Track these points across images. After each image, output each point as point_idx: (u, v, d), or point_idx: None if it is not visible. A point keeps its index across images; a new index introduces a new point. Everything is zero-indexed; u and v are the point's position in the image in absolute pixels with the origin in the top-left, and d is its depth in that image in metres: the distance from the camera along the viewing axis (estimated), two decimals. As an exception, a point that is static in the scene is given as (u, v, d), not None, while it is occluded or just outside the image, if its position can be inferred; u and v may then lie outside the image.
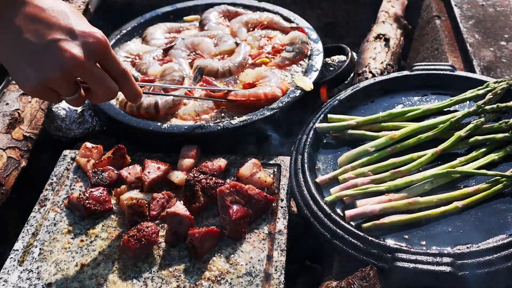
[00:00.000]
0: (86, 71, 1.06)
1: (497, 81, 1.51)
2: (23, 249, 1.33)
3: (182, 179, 1.43)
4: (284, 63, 1.85)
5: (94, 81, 1.09)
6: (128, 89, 1.17)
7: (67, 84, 1.06)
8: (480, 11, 2.20)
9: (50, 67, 1.01)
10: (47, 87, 1.05)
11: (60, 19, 1.03)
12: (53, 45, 1.01)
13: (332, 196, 1.31)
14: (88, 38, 1.05)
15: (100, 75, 1.09)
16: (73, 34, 1.03)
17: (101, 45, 1.07)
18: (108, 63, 1.11)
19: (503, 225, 1.20)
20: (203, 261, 1.27)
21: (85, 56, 1.04)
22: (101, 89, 1.11)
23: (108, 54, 1.09)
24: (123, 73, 1.14)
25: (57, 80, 1.03)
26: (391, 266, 1.13)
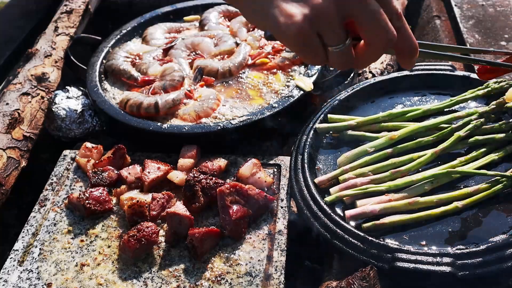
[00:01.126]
0: (356, 1, 0.83)
1: (497, 81, 1.51)
2: (23, 249, 1.33)
3: (182, 179, 1.43)
4: (284, 63, 1.85)
5: (371, 15, 0.83)
6: (403, 36, 0.88)
7: (338, 23, 0.83)
8: (480, 11, 2.20)
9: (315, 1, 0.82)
10: (315, 29, 0.84)
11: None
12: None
13: (332, 196, 1.31)
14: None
15: (377, 7, 0.83)
16: None
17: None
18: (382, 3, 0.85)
19: (503, 225, 1.20)
20: (203, 261, 1.27)
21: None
22: (379, 27, 0.84)
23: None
24: (396, 12, 0.87)
25: (329, 14, 0.82)
26: (391, 266, 1.13)
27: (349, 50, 0.87)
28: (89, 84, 1.81)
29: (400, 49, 0.89)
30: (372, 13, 0.82)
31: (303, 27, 0.83)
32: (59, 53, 1.95)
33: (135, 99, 1.68)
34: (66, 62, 1.97)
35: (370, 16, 0.82)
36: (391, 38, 0.84)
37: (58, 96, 1.83)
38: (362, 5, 0.82)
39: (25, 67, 1.85)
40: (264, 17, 0.86)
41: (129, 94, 1.72)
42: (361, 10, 0.82)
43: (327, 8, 0.81)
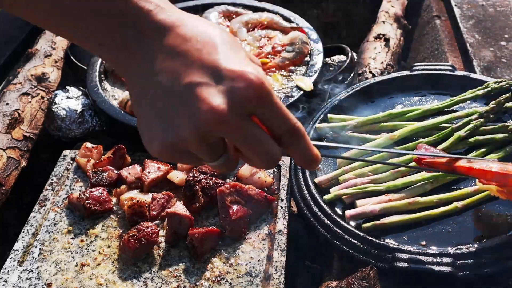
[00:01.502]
0: (231, 129, 0.71)
1: (497, 81, 1.51)
2: (23, 249, 1.33)
3: (182, 179, 1.43)
4: (284, 63, 1.85)
5: (244, 144, 0.73)
6: (299, 152, 0.78)
7: (205, 147, 0.73)
8: (480, 11, 2.20)
9: (181, 123, 0.70)
10: (180, 150, 0.74)
11: (204, 53, 0.72)
12: (188, 92, 0.70)
13: (331, 195, 1.31)
14: (237, 82, 0.70)
15: (253, 136, 0.73)
16: (217, 75, 0.70)
17: (256, 91, 0.70)
18: (268, 116, 0.73)
19: (503, 225, 1.20)
20: (203, 261, 1.27)
21: (230, 108, 0.69)
22: (254, 155, 0.74)
23: (267, 104, 0.72)
24: (292, 131, 0.75)
25: (190, 142, 0.71)
26: (391, 266, 1.13)
27: (228, 162, 0.77)
28: (89, 84, 1.81)
29: (297, 160, 0.80)
30: (247, 142, 0.73)
31: (163, 148, 0.74)
32: (59, 53, 1.95)
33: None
34: (66, 62, 1.97)
35: (244, 144, 0.73)
36: (270, 163, 0.75)
37: (58, 96, 1.83)
38: (233, 134, 0.72)
39: (25, 67, 1.86)
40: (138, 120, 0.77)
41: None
42: (234, 139, 0.73)
43: (189, 138, 0.70)
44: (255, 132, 0.73)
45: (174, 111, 0.71)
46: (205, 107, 0.69)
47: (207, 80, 0.70)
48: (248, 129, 0.72)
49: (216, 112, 0.68)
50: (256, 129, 0.73)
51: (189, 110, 0.70)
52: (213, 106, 0.68)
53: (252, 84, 0.70)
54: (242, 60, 0.73)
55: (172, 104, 0.71)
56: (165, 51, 0.72)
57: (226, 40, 0.75)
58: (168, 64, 0.72)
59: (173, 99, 0.71)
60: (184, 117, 0.70)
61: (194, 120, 0.69)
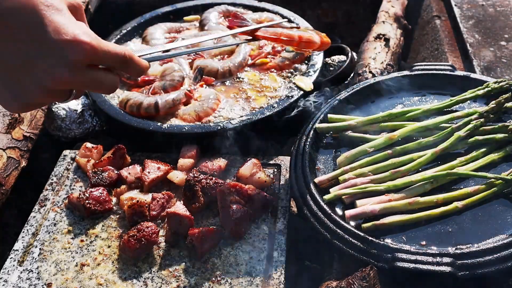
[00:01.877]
0: (72, 83, 0.92)
1: (497, 81, 1.51)
2: (23, 249, 1.33)
3: (182, 179, 1.43)
4: (284, 63, 1.85)
5: (87, 87, 0.99)
6: (132, 71, 1.02)
7: (58, 96, 0.95)
8: (480, 11, 2.20)
9: (33, 90, 0.89)
10: (36, 104, 0.95)
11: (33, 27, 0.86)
12: (30, 65, 0.87)
13: (331, 195, 1.31)
14: (68, 48, 0.88)
15: (93, 80, 0.94)
16: (48, 46, 0.87)
17: (84, 49, 0.89)
18: (100, 60, 0.94)
19: (503, 225, 1.20)
20: (203, 261, 1.27)
21: (68, 70, 0.88)
22: (98, 90, 1.00)
23: (97, 54, 0.92)
24: (122, 61, 0.98)
25: (42, 100, 0.93)
26: (391, 266, 1.13)
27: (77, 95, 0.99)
28: (89, 84, 1.81)
29: (132, 74, 1.07)
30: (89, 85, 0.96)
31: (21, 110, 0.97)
32: (59, 53, 1.95)
33: (135, 99, 1.68)
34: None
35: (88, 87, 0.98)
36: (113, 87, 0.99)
37: (58, 96, 1.83)
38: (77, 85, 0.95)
39: (25, 67, 1.85)
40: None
41: (129, 94, 1.72)
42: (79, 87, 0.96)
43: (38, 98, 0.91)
44: (92, 76, 0.94)
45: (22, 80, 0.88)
46: (46, 75, 0.87)
47: (42, 52, 0.87)
48: (86, 77, 0.92)
49: (56, 77, 0.88)
50: (92, 73, 0.94)
51: (35, 78, 0.88)
52: (52, 73, 0.88)
53: (81, 45, 0.88)
54: (64, 25, 0.88)
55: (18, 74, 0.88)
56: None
57: (46, 5, 0.88)
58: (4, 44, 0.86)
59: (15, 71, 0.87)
60: (33, 85, 0.88)
61: (41, 86, 0.89)
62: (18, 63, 0.87)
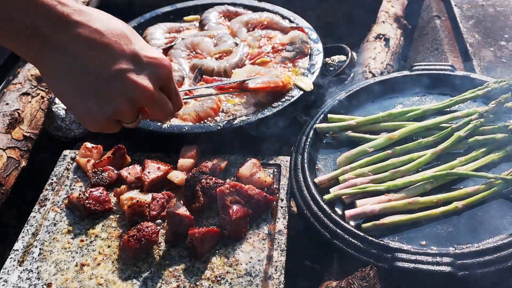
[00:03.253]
0: (154, 100, 1.00)
1: (497, 81, 1.51)
2: (23, 249, 1.33)
3: (182, 179, 1.43)
4: (284, 62, 1.85)
5: (157, 107, 1.04)
6: (176, 105, 1.12)
7: (132, 114, 1.00)
8: (480, 11, 2.20)
9: (119, 100, 0.95)
10: (113, 120, 0.99)
11: (123, 44, 0.95)
12: (121, 76, 0.94)
13: (331, 195, 1.31)
14: (156, 66, 0.98)
15: (163, 101, 1.04)
16: (139, 63, 0.96)
17: (168, 72, 1.01)
18: (168, 86, 1.05)
19: (503, 225, 1.20)
20: (203, 261, 1.27)
21: (154, 86, 0.98)
22: (162, 112, 1.06)
23: (170, 80, 1.04)
24: (176, 93, 1.09)
25: (126, 112, 0.97)
26: (391, 266, 1.13)
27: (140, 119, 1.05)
28: (89, 84, 1.81)
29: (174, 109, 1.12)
30: (159, 105, 1.03)
31: (104, 120, 0.97)
32: (59, 53, 1.95)
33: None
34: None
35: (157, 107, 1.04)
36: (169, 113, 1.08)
37: (58, 96, 1.83)
38: (153, 103, 1.01)
39: (25, 67, 1.86)
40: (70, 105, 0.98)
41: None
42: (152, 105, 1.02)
43: (126, 109, 0.96)
44: (163, 98, 1.04)
45: (110, 91, 0.93)
46: (138, 87, 0.95)
47: (133, 67, 0.95)
48: (161, 97, 1.03)
49: (146, 90, 0.96)
50: (164, 96, 1.04)
51: (125, 91, 0.94)
52: (144, 86, 0.96)
53: (165, 67, 1.00)
54: (150, 48, 0.99)
55: (106, 85, 0.93)
56: (85, 42, 0.90)
57: (132, 32, 0.99)
58: (94, 54, 0.91)
59: (105, 81, 0.92)
60: (121, 96, 0.94)
61: (129, 98, 0.95)
62: (109, 75, 0.93)
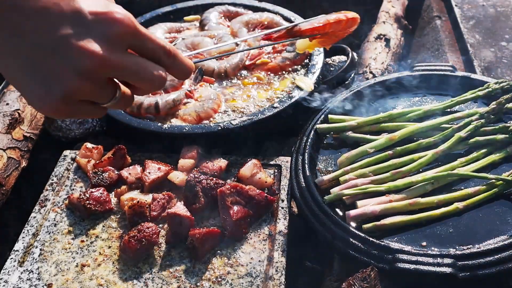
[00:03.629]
0: (115, 66, 0.77)
1: (498, 81, 1.51)
2: (24, 249, 1.33)
3: (182, 180, 1.43)
4: (284, 63, 1.85)
5: (131, 75, 0.80)
6: (177, 68, 0.88)
7: (99, 88, 0.78)
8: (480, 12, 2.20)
9: (67, 75, 0.74)
10: (74, 100, 0.77)
11: (62, 4, 0.73)
12: (63, 45, 0.73)
13: (332, 195, 1.31)
14: (106, 23, 0.75)
15: (136, 64, 0.80)
16: (83, 21, 0.74)
17: (125, 26, 0.77)
18: (141, 45, 0.81)
19: (504, 226, 1.20)
20: (203, 261, 1.27)
21: (107, 50, 0.75)
22: (144, 81, 0.82)
23: (137, 34, 0.79)
24: (167, 52, 0.84)
25: (82, 88, 0.76)
26: (391, 267, 1.13)
27: (123, 97, 0.83)
28: (90, 84, 1.81)
29: (176, 76, 0.89)
30: (132, 72, 0.79)
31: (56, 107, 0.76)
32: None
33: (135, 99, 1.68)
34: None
35: (130, 74, 0.80)
36: (160, 80, 0.83)
37: (58, 96, 1.82)
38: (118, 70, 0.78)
39: (25, 67, 1.85)
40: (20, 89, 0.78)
41: (130, 94, 1.72)
42: (120, 74, 0.79)
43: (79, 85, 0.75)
44: (136, 61, 0.79)
45: (54, 66, 0.73)
46: (85, 54, 0.73)
47: (76, 30, 0.74)
48: (128, 60, 0.78)
49: (96, 57, 0.74)
50: (135, 58, 0.80)
51: (70, 62, 0.73)
52: (92, 51, 0.74)
53: (121, 22, 0.76)
54: (100, 1, 0.76)
55: (49, 60, 0.73)
56: (22, 13, 0.72)
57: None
58: (32, 24, 0.72)
59: (48, 55, 0.73)
60: (67, 69, 0.73)
61: (78, 69, 0.74)
62: (50, 46, 0.73)
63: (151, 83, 0.82)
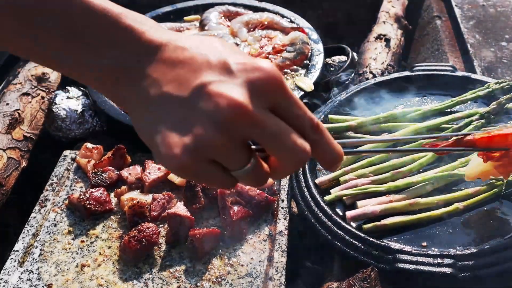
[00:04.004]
0: (255, 122, 0.64)
1: (498, 81, 1.51)
2: (24, 250, 1.33)
3: (182, 180, 1.43)
4: (284, 63, 1.85)
5: (272, 138, 0.66)
6: (324, 149, 0.72)
7: (234, 147, 0.65)
8: (480, 12, 2.20)
9: (201, 124, 0.63)
10: (204, 157, 0.65)
11: (209, 54, 0.67)
12: (201, 92, 0.64)
13: (332, 196, 1.31)
14: (252, 73, 0.65)
15: (279, 128, 0.66)
16: (228, 70, 0.65)
17: (273, 81, 0.66)
18: (287, 107, 0.68)
19: (504, 227, 1.20)
20: (203, 262, 1.27)
21: (251, 99, 0.64)
22: (284, 149, 0.67)
23: (286, 96, 0.67)
24: (315, 126, 0.70)
25: (215, 141, 0.63)
26: (392, 267, 1.13)
27: (257, 168, 0.69)
28: (90, 84, 1.81)
29: (321, 159, 0.74)
30: (273, 134, 0.65)
31: (184, 160, 0.65)
32: (59, 53, 1.94)
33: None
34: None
35: (271, 137, 0.66)
36: (302, 159, 0.68)
37: (58, 96, 1.83)
38: (259, 127, 0.64)
39: (25, 67, 1.85)
40: (149, 141, 0.70)
41: (130, 95, 1.71)
42: (260, 133, 0.65)
43: (212, 137, 0.63)
44: (281, 125, 0.66)
45: (190, 114, 0.64)
46: (224, 101, 0.63)
47: (219, 78, 0.65)
48: (272, 121, 0.65)
49: (236, 103, 0.62)
50: (281, 121, 0.66)
51: (206, 109, 0.63)
52: (232, 98, 0.62)
53: (270, 74, 0.66)
54: (249, 57, 0.69)
55: (186, 108, 0.64)
56: (166, 63, 0.67)
57: (227, 44, 0.70)
58: (172, 74, 0.66)
59: (186, 103, 0.64)
60: (202, 117, 0.63)
61: (214, 117, 0.63)
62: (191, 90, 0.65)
63: (293, 154, 0.67)
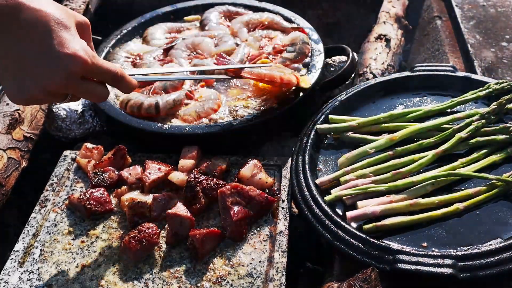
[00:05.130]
0: (69, 91, 1.13)
1: (498, 82, 1.51)
2: (24, 250, 1.33)
3: (183, 180, 1.43)
4: (285, 63, 1.85)
5: (80, 94, 1.18)
6: (122, 88, 1.24)
7: (55, 97, 1.15)
8: (481, 12, 2.20)
9: (32, 90, 1.08)
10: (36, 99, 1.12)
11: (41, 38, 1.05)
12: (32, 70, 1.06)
13: (332, 196, 1.31)
14: (67, 62, 1.06)
15: (85, 89, 1.15)
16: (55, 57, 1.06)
17: (81, 65, 1.08)
18: (94, 74, 1.15)
19: (504, 227, 1.20)
20: (204, 262, 1.27)
21: (66, 80, 1.08)
22: (90, 98, 1.21)
23: (91, 69, 1.12)
24: (113, 78, 1.19)
25: (43, 97, 1.11)
26: (392, 267, 1.13)
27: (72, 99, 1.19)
28: (90, 84, 1.81)
29: (122, 91, 1.26)
30: (82, 92, 1.15)
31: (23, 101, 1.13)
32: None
33: (135, 99, 1.68)
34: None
35: (80, 94, 1.17)
36: (102, 97, 1.20)
37: (58, 96, 1.82)
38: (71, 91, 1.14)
39: (25, 67, 1.85)
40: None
41: (130, 95, 1.71)
42: (72, 93, 1.16)
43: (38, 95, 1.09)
44: (87, 86, 1.15)
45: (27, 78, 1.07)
46: (49, 82, 1.07)
47: (47, 63, 1.05)
48: (81, 86, 1.13)
49: (57, 85, 1.08)
50: (87, 84, 1.15)
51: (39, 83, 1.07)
52: (53, 82, 1.07)
53: (75, 61, 1.07)
54: (71, 41, 1.07)
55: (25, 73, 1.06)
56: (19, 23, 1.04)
57: (59, 23, 1.07)
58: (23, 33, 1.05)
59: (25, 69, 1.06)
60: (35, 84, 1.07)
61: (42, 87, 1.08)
62: (26, 64, 1.06)
63: (95, 99, 1.22)
